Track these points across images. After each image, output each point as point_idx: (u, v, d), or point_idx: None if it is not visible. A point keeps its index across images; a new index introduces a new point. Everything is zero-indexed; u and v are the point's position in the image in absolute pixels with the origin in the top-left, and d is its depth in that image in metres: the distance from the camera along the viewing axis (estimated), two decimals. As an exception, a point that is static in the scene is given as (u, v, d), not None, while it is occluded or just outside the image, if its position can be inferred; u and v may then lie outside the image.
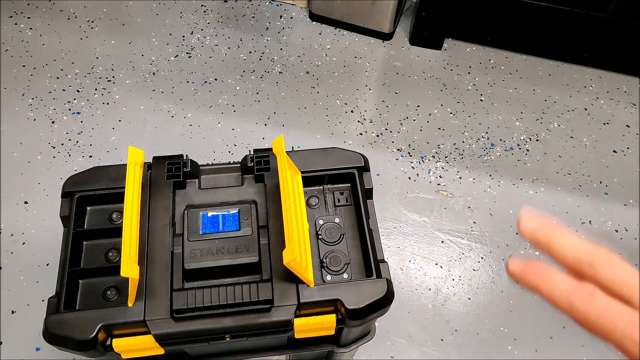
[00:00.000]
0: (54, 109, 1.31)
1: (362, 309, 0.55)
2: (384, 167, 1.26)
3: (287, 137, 1.29)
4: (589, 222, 1.19)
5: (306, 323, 0.56)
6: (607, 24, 1.35)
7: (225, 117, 1.33)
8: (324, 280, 0.58)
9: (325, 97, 1.39)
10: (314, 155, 0.66)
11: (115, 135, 1.28)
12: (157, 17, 1.54)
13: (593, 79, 1.47)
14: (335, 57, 1.48)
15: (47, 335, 0.53)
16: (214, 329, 0.54)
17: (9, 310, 1.02)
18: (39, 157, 1.23)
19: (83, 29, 1.49)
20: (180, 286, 0.55)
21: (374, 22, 1.48)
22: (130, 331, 0.54)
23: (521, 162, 1.29)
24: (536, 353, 1.02)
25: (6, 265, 1.07)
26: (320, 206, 0.65)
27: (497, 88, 1.43)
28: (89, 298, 0.58)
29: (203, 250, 0.56)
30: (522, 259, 0.29)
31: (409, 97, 1.40)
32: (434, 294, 1.08)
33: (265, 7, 1.59)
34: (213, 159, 1.25)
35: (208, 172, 0.65)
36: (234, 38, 1.50)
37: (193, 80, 1.40)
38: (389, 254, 1.13)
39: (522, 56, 1.51)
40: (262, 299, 0.54)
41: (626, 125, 1.38)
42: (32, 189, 1.17)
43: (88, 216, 0.63)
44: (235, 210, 0.59)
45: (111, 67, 1.41)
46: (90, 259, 0.61)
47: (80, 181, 0.62)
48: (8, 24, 1.48)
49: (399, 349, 1.02)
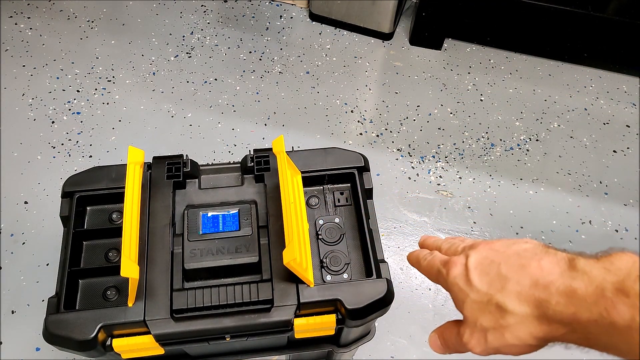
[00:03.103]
0: (54, 109, 1.31)
1: (362, 309, 0.55)
2: (384, 167, 1.26)
3: (287, 137, 1.29)
4: (589, 222, 1.19)
5: (306, 323, 0.56)
6: (607, 24, 1.35)
7: (225, 117, 1.33)
8: (324, 280, 0.58)
9: (325, 97, 1.39)
10: (314, 155, 0.66)
11: (115, 135, 1.28)
12: (157, 17, 1.54)
13: (593, 79, 1.47)
14: (335, 57, 1.48)
15: (47, 335, 0.53)
16: (214, 329, 0.54)
17: (9, 310, 1.02)
18: (39, 157, 1.23)
19: (83, 29, 1.49)
20: (180, 286, 0.55)
21: (374, 22, 1.48)
22: (130, 331, 0.54)
23: (521, 162, 1.29)
24: (536, 353, 1.02)
25: (6, 265, 1.07)
26: (320, 206, 0.65)
27: (497, 88, 1.43)
28: (89, 298, 0.58)
29: (203, 250, 0.56)
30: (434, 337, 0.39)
31: (409, 97, 1.40)
32: (434, 294, 1.08)
33: (265, 7, 1.59)
34: (213, 159, 1.25)
35: (208, 172, 0.65)
36: (234, 38, 1.50)
37: (193, 80, 1.40)
38: (389, 254, 1.13)
39: (522, 56, 1.51)
40: (262, 299, 0.54)
41: (626, 125, 1.38)
42: (32, 189, 1.17)
43: (88, 216, 0.63)
44: (235, 210, 0.59)
45: (111, 67, 1.41)
46: (90, 259, 0.61)
47: (80, 181, 0.62)
48: (8, 24, 1.48)
49: (399, 349, 1.02)
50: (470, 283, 0.33)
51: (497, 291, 0.32)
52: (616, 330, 0.26)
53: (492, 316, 0.32)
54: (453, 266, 0.35)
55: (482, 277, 0.33)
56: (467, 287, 0.34)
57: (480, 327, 0.33)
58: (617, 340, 0.26)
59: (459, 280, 0.34)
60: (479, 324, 0.33)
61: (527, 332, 0.31)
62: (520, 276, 0.31)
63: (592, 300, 0.27)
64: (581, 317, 0.28)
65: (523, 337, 0.31)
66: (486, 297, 0.32)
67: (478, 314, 0.33)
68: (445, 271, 0.36)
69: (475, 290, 0.33)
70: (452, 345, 0.37)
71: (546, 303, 0.29)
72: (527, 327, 0.31)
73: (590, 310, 0.27)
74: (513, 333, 0.31)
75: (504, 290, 0.31)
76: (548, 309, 0.29)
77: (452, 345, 0.37)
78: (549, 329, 0.30)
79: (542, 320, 0.30)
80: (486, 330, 0.32)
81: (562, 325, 0.29)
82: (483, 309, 0.32)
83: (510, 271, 0.32)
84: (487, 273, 0.33)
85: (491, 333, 0.32)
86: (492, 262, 0.33)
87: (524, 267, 0.31)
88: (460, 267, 0.35)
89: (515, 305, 0.31)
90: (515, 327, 0.31)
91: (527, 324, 0.31)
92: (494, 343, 0.32)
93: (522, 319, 0.31)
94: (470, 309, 0.33)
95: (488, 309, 0.32)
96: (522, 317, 0.30)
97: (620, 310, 0.26)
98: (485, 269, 0.33)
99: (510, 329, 0.31)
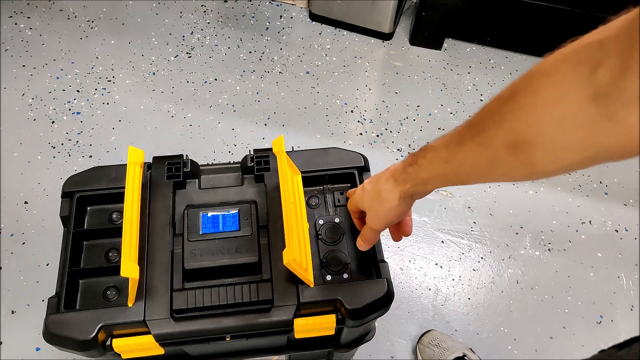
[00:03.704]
0: (54, 109, 1.31)
1: (362, 309, 0.55)
2: (384, 167, 1.25)
3: (287, 137, 1.29)
4: (589, 222, 1.19)
5: (306, 323, 0.56)
6: (607, 24, 1.35)
7: (225, 117, 1.33)
8: (324, 280, 0.58)
9: (325, 97, 1.39)
10: (314, 155, 0.66)
11: (115, 135, 1.28)
12: (157, 17, 1.54)
13: (593, 79, 1.47)
14: (335, 57, 1.48)
15: (47, 335, 0.53)
16: (214, 329, 0.54)
17: (9, 310, 1.02)
18: (39, 157, 1.23)
19: (83, 28, 1.49)
20: (180, 286, 0.55)
21: (374, 22, 1.48)
22: (130, 331, 0.54)
23: (521, 162, 1.29)
24: (536, 353, 1.02)
25: (6, 265, 1.07)
26: (320, 206, 0.65)
27: (497, 88, 1.43)
28: (89, 298, 0.58)
29: (203, 250, 0.56)
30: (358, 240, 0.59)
31: (409, 97, 1.40)
32: (434, 294, 1.08)
33: (265, 7, 1.59)
34: (213, 159, 1.25)
35: (208, 172, 0.65)
36: (234, 38, 1.50)
37: (193, 80, 1.40)
38: (389, 254, 1.13)
39: (522, 56, 1.51)
40: (262, 299, 0.54)
41: (626, 125, 1.38)
42: (32, 189, 1.17)
43: (88, 216, 0.63)
44: (235, 210, 0.59)
45: (111, 67, 1.41)
46: (90, 259, 0.61)
47: (80, 181, 0.62)
48: (8, 24, 1.48)
49: (399, 349, 1.02)
50: (364, 189, 0.55)
51: (375, 185, 0.54)
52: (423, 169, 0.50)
53: (375, 198, 0.53)
54: (356, 190, 0.59)
55: (368, 185, 0.55)
56: (363, 192, 0.55)
57: (371, 208, 0.54)
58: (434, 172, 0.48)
59: (359, 192, 0.57)
60: (371, 206, 0.54)
61: (394, 196, 0.51)
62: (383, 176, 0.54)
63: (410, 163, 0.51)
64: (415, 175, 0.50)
65: (392, 200, 0.51)
66: (372, 192, 0.54)
67: (369, 204, 0.54)
68: (353, 194, 0.59)
69: (367, 191, 0.55)
70: (368, 236, 0.57)
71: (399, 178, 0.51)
72: (392, 194, 0.51)
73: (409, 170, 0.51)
74: (387, 201, 0.51)
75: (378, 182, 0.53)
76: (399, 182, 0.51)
77: (368, 236, 0.57)
78: (403, 190, 0.50)
79: (398, 187, 0.51)
80: (375, 210, 0.53)
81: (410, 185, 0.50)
82: (371, 198, 0.54)
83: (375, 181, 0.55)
84: (369, 182, 0.55)
85: (378, 210, 0.53)
86: (371, 181, 0.55)
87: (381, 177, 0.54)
88: (359, 188, 0.58)
89: (384, 187, 0.52)
90: (387, 196, 0.51)
91: (392, 192, 0.51)
92: (380, 212, 0.53)
93: (389, 192, 0.51)
94: (366, 202, 0.55)
95: (373, 196, 0.53)
96: (389, 190, 0.51)
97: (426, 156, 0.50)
98: (369, 181, 0.56)
99: (385, 200, 0.52)
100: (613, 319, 1.07)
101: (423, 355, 0.97)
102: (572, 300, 1.09)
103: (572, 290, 1.10)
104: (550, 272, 1.12)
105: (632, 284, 1.11)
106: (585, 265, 1.13)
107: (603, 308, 1.08)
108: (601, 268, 1.13)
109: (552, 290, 1.09)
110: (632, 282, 1.11)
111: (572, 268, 1.12)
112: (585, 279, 1.11)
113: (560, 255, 1.14)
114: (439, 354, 0.94)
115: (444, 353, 0.94)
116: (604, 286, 1.11)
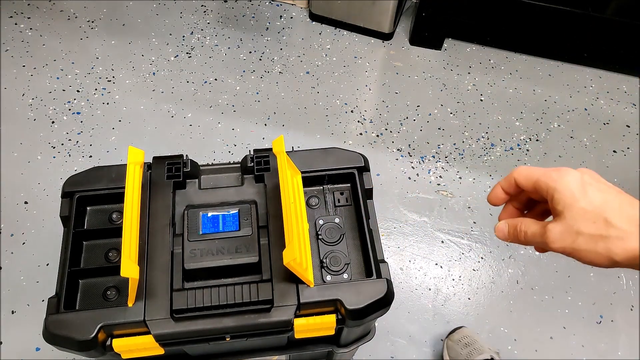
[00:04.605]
0: (54, 109, 1.31)
1: (362, 309, 0.55)
2: (384, 167, 1.26)
3: (287, 137, 1.29)
4: (589, 222, 1.19)
5: (306, 323, 0.56)
6: (607, 24, 1.35)
7: (225, 117, 1.33)
8: (324, 281, 0.58)
9: (325, 97, 1.39)
10: (314, 155, 0.66)
11: (115, 135, 1.28)
12: (157, 17, 1.54)
13: (593, 79, 1.47)
14: (335, 57, 1.48)
15: (47, 335, 0.53)
16: (214, 329, 0.54)
17: (9, 310, 1.02)
18: (39, 157, 1.23)
19: (83, 29, 1.49)
20: (180, 286, 0.55)
21: (374, 22, 1.48)
22: (130, 331, 0.54)
23: (521, 162, 1.29)
24: (536, 353, 1.02)
25: (6, 265, 1.07)
26: (320, 206, 0.65)
27: (497, 88, 1.43)
28: (89, 298, 0.58)
29: (203, 250, 0.56)
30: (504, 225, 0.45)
31: (409, 97, 1.40)
32: (434, 294, 1.08)
33: (265, 7, 1.59)
34: (213, 159, 1.25)
35: (208, 172, 0.65)
36: (234, 38, 1.50)
37: (193, 80, 1.40)
38: (389, 254, 1.13)
39: (522, 56, 1.51)
40: (262, 299, 0.54)
41: (626, 125, 1.38)
42: (32, 189, 1.17)
43: (88, 216, 0.63)
44: (235, 210, 0.59)
45: (111, 67, 1.41)
46: (90, 259, 0.61)
47: (80, 181, 0.62)
48: (8, 24, 1.48)
49: (399, 349, 1.02)
50: (585, 193, 0.38)
51: (609, 209, 0.37)
52: None
53: (595, 226, 0.37)
54: (567, 174, 0.40)
55: (596, 193, 0.38)
56: (581, 195, 0.38)
57: (575, 230, 0.38)
58: None
59: (574, 186, 0.39)
60: (576, 227, 0.38)
61: (621, 247, 0.36)
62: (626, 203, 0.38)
63: None
64: None
65: (614, 250, 0.36)
66: (597, 210, 0.37)
67: (579, 220, 0.38)
68: (557, 175, 0.40)
69: (589, 201, 0.38)
70: (526, 235, 0.43)
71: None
72: (623, 243, 0.36)
73: None
74: (607, 244, 0.36)
75: (615, 210, 0.37)
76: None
77: (526, 235, 0.43)
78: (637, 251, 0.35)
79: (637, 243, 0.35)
80: (579, 234, 0.38)
81: None
82: (587, 218, 0.37)
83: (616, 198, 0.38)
84: (600, 191, 0.38)
85: (584, 238, 0.37)
86: (603, 186, 0.39)
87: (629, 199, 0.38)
88: (576, 176, 0.39)
89: (623, 223, 0.36)
90: (613, 240, 0.36)
91: (625, 240, 0.36)
92: (582, 246, 0.38)
93: (624, 234, 0.36)
94: (575, 213, 0.38)
95: (593, 219, 0.37)
96: (626, 233, 0.36)
97: None
98: (599, 188, 0.39)
99: (607, 240, 0.37)
100: (613, 319, 1.07)
101: (450, 352, 0.95)
102: (572, 300, 1.09)
103: (572, 290, 1.10)
104: (550, 272, 1.12)
105: (632, 284, 1.11)
106: (585, 266, 1.13)
107: (603, 308, 1.08)
108: (601, 268, 1.13)
109: (552, 290, 1.09)
110: (632, 282, 1.11)
111: (572, 268, 1.12)
112: (585, 279, 1.11)
113: (560, 255, 1.14)
114: (467, 354, 0.92)
115: (472, 353, 0.91)
116: (604, 286, 1.11)
